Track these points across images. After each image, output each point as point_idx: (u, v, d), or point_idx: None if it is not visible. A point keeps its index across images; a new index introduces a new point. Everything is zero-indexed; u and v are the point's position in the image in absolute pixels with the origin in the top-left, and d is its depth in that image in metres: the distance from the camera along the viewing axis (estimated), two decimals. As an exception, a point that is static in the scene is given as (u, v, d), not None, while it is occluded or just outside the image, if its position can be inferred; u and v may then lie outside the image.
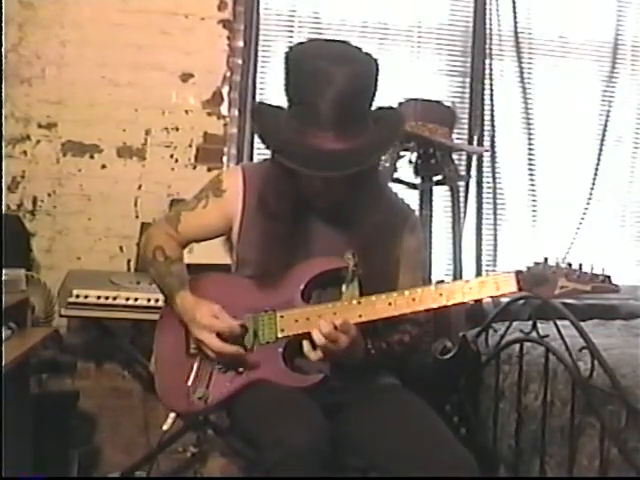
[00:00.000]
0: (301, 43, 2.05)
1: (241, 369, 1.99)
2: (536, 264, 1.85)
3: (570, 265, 1.84)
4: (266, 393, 1.93)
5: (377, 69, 1.90)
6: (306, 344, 1.92)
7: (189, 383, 2.00)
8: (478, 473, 1.83)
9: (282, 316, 1.99)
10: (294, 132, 1.88)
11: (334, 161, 1.85)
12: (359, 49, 1.95)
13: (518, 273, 1.85)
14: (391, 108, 2.05)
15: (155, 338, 2.12)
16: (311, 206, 2.01)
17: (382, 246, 2.00)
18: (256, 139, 3.46)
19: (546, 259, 1.85)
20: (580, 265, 1.84)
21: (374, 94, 1.91)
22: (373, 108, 1.94)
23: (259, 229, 2.02)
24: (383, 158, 2.96)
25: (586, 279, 1.83)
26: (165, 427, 2.10)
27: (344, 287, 1.99)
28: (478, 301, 3.57)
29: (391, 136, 2.00)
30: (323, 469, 1.77)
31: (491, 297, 3.36)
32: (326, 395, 1.96)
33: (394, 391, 2.07)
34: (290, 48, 1.97)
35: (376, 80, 1.90)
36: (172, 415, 2.08)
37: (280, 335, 1.98)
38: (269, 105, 2.05)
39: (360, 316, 1.91)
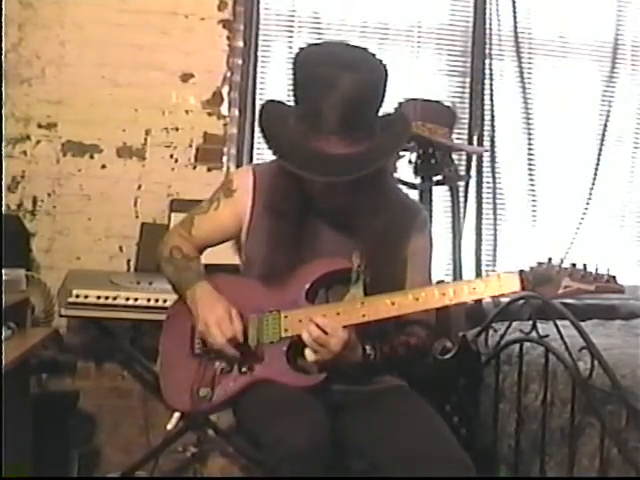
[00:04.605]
0: (311, 45, 2.05)
1: (245, 369, 1.99)
2: (540, 264, 1.85)
3: (574, 265, 1.83)
4: (269, 393, 1.93)
5: (386, 76, 1.90)
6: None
7: (193, 383, 2.00)
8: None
9: (286, 316, 1.99)
10: (299, 134, 1.87)
11: (335, 166, 1.84)
12: (371, 54, 1.94)
13: (521, 272, 1.85)
14: (399, 114, 2.05)
15: (161, 338, 2.12)
16: (318, 208, 2.01)
17: (390, 247, 2.00)
18: (256, 139, 3.46)
19: (550, 259, 1.85)
20: (584, 265, 1.83)
21: (382, 100, 1.91)
22: (382, 113, 1.93)
23: (266, 229, 2.02)
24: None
25: (590, 279, 1.82)
26: (169, 426, 2.10)
27: (350, 288, 1.98)
28: (478, 301, 3.58)
29: (396, 143, 1.99)
30: (324, 469, 1.78)
31: (492, 297, 3.39)
32: (330, 395, 1.96)
33: (398, 393, 2.06)
34: (299, 50, 1.96)
35: (384, 87, 1.89)
36: (176, 415, 2.08)
37: (284, 335, 1.98)
38: (278, 102, 2.04)
39: (364, 316, 1.91)
